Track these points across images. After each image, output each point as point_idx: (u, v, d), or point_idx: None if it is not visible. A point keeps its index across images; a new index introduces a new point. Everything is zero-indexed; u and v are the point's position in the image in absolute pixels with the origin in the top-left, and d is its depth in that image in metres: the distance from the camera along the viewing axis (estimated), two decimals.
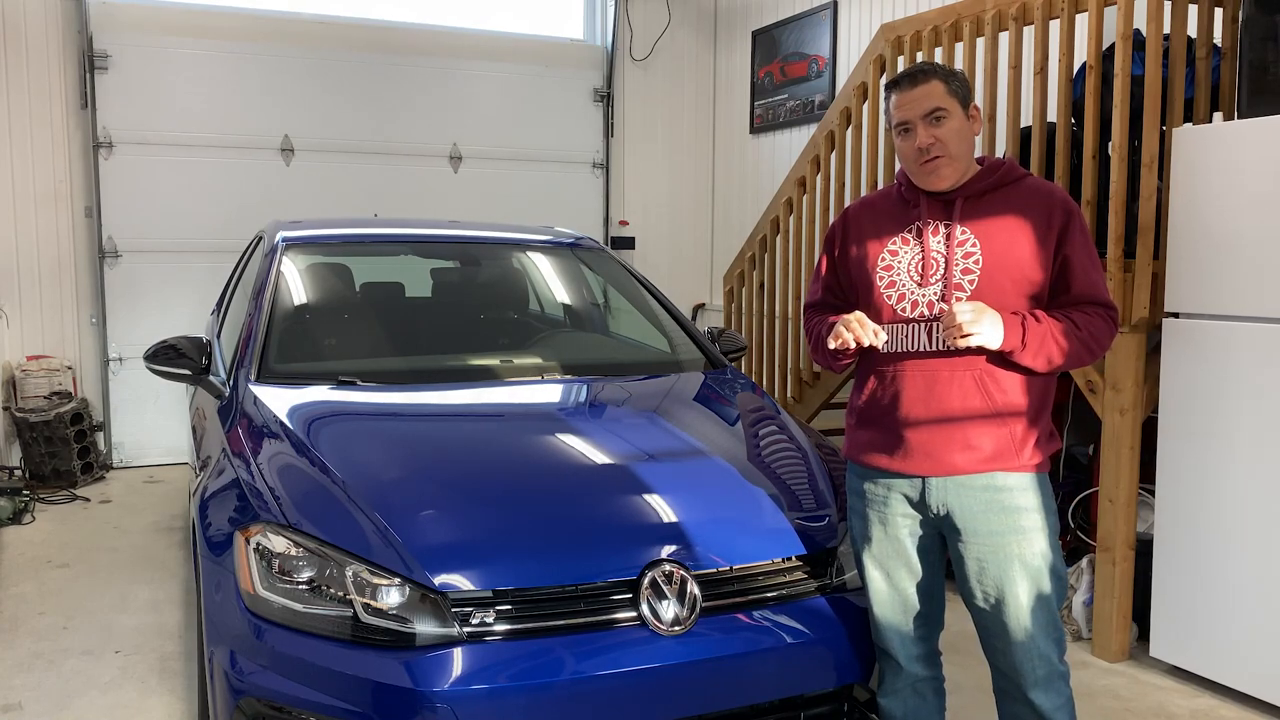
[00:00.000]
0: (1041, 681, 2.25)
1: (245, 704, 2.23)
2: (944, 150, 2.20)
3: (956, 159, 2.22)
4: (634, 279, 4.05)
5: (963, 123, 2.23)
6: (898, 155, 2.31)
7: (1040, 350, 2.16)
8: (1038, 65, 3.92)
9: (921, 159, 2.22)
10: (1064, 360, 2.19)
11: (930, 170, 2.23)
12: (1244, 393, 3.20)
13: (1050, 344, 2.17)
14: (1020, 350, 2.16)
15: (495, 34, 7.26)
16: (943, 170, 2.22)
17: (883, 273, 2.30)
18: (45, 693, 3.30)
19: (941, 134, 2.20)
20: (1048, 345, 2.16)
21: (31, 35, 6.08)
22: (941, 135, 2.20)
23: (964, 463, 2.22)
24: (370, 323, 3.86)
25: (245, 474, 2.59)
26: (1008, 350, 2.16)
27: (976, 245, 2.22)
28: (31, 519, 5.29)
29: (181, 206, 6.45)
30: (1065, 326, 2.18)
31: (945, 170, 2.22)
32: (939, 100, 2.20)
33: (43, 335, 6.26)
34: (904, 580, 2.37)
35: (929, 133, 2.20)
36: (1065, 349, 2.18)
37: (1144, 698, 3.34)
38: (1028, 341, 2.15)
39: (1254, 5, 3.29)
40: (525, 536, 2.32)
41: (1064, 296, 2.23)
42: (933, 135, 2.20)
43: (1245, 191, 3.17)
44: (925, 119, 2.20)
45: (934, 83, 2.21)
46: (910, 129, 2.23)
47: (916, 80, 2.23)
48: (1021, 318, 2.16)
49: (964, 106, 2.24)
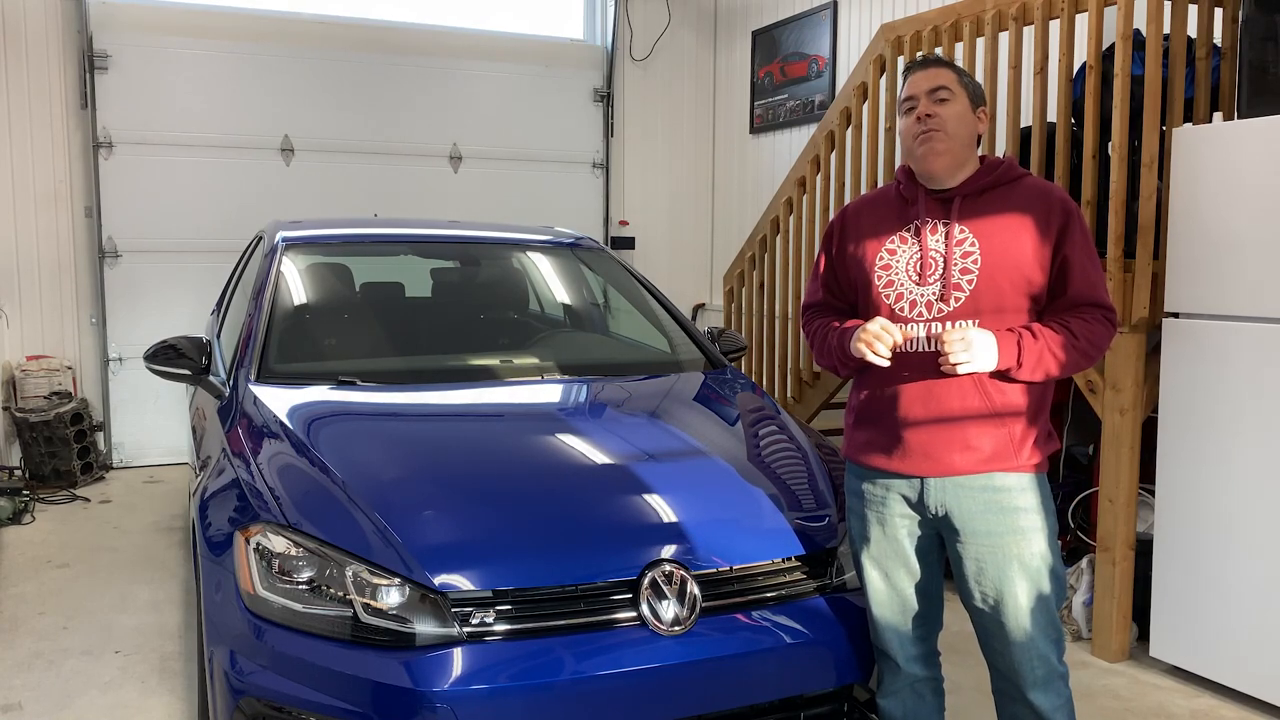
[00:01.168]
0: (1040, 682, 2.25)
1: (245, 704, 2.23)
2: (941, 126, 2.21)
3: (953, 139, 2.22)
4: (634, 279, 4.05)
5: (966, 111, 2.24)
6: (900, 138, 2.32)
7: (1038, 366, 2.17)
8: (1038, 65, 3.92)
9: (917, 131, 2.22)
10: (1060, 371, 2.19)
11: (923, 143, 2.22)
12: (1244, 393, 3.20)
13: (1048, 358, 2.17)
14: (1017, 370, 2.17)
15: (495, 34, 7.26)
16: (937, 145, 2.21)
17: (881, 271, 2.30)
18: (45, 693, 3.30)
19: (942, 111, 2.22)
20: (1045, 361, 2.17)
21: (31, 35, 6.09)
22: (942, 113, 2.21)
23: (963, 463, 2.22)
24: (370, 323, 3.86)
25: (245, 474, 2.59)
26: (1004, 369, 2.17)
27: (975, 244, 2.22)
28: (31, 519, 5.29)
29: (181, 206, 6.45)
30: (1064, 339, 2.18)
31: (940, 146, 2.21)
32: (945, 81, 2.24)
33: (43, 335, 6.26)
34: (903, 581, 2.37)
35: (930, 106, 2.22)
36: (1062, 361, 2.18)
37: (1144, 698, 3.34)
38: (1024, 361, 2.16)
39: (1254, 5, 3.29)
40: (525, 536, 2.32)
41: (1062, 299, 2.22)
42: (933, 109, 2.22)
43: (1245, 191, 3.17)
44: (929, 95, 2.23)
45: (946, 70, 2.26)
46: (914, 104, 2.25)
47: (929, 65, 2.28)
48: (1018, 336, 2.16)
49: (971, 101, 2.26)
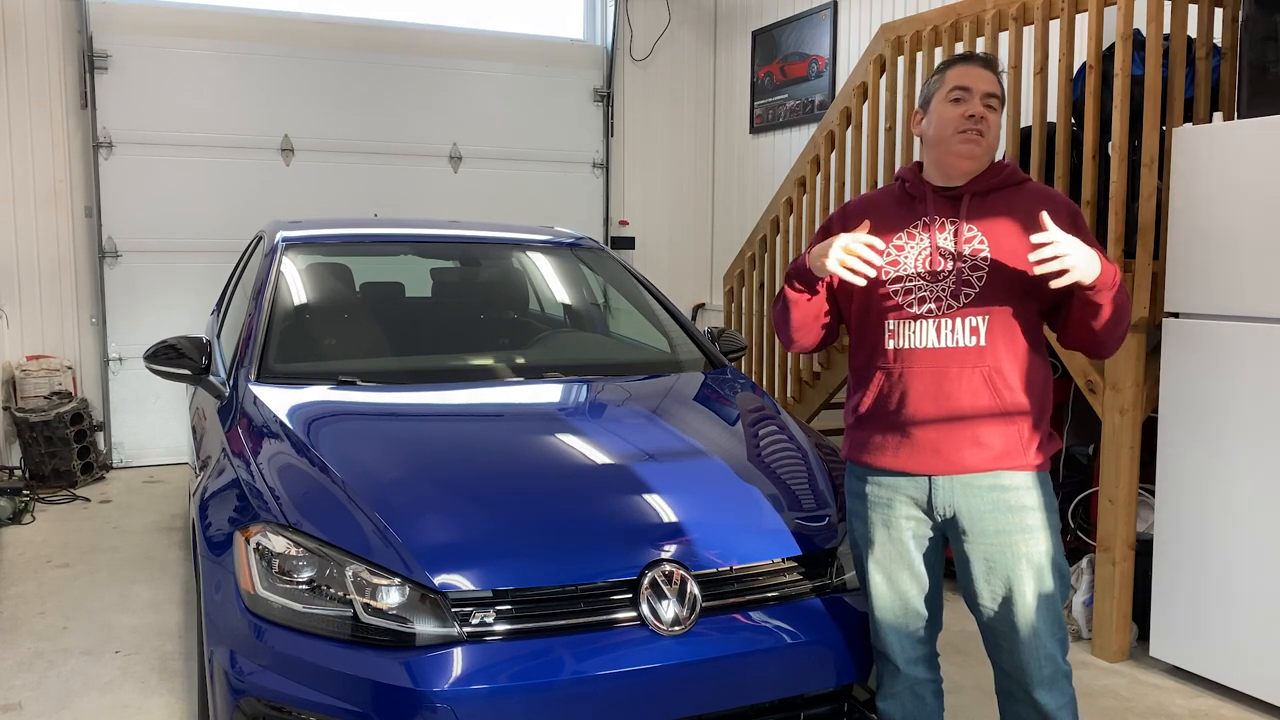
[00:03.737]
0: (1046, 681, 2.25)
1: (245, 704, 2.23)
2: (986, 131, 2.24)
3: (989, 148, 2.26)
4: (634, 279, 4.05)
5: (1000, 124, 2.29)
6: (934, 123, 2.26)
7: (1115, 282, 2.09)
8: (1038, 65, 3.92)
9: (964, 126, 2.22)
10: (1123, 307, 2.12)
11: (968, 141, 2.22)
12: (1244, 393, 3.20)
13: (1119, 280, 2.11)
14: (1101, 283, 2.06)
15: (495, 34, 7.26)
16: (976, 150, 2.24)
17: (889, 268, 2.29)
18: (45, 693, 3.30)
19: (991, 119, 2.24)
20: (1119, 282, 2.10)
21: (31, 35, 6.08)
22: (990, 120, 2.24)
23: (973, 460, 2.21)
24: (370, 323, 3.86)
25: (245, 474, 2.59)
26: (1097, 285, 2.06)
27: (985, 243, 2.23)
28: (31, 519, 5.29)
29: (181, 206, 6.45)
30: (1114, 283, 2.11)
31: (979, 150, 2.24)
32: (998, 90, 2.26)
33: (43, 335, 6.26)
34: (906, 583, 2.36)
35: (982, 108, 2.23)
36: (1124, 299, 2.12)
37: (1144, 698, 3.34)
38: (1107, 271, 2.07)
39: (1254, 5, 3.29)
40: (525, 536, 2.32)
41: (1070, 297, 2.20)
42: (985, 112, 2.23)
43: (1245, 191, 3.17)
44: (984, 97, 2.24)
45: (999, 77, 2.28)
46: (966, 97, 2.23)
47: (990, 65, 2.29)
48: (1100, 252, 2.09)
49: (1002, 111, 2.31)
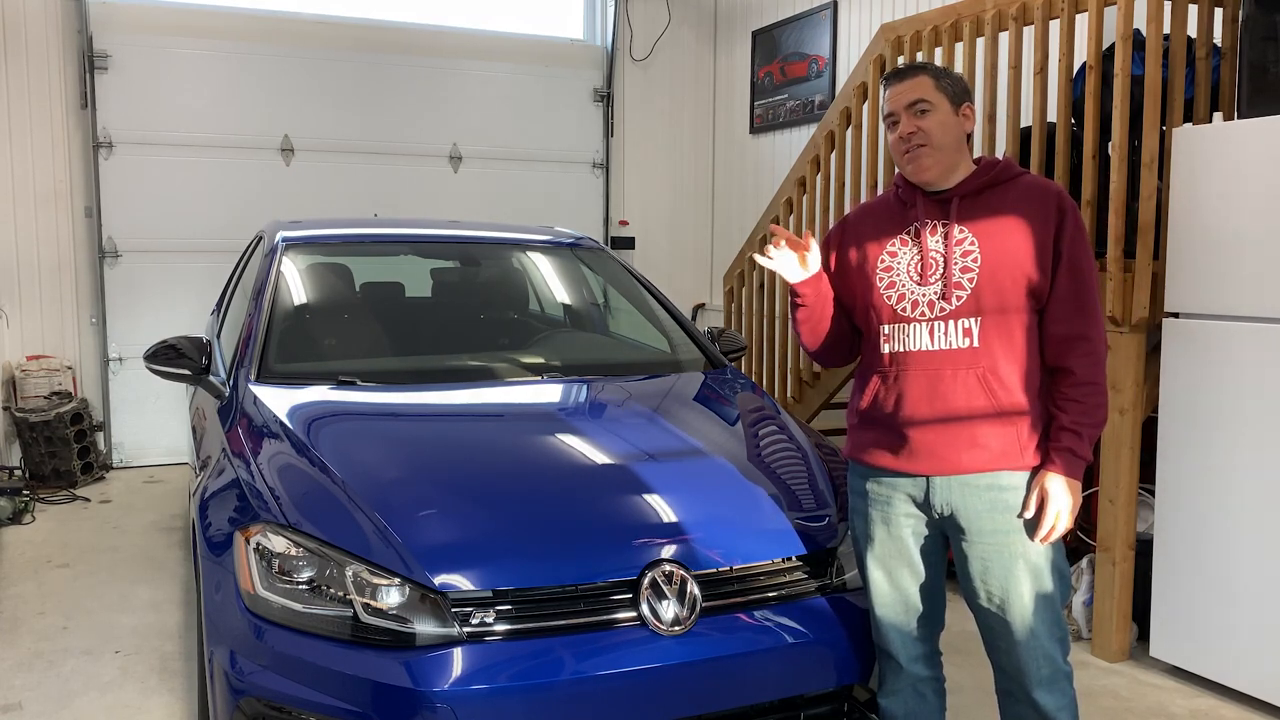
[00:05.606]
0: (1045, 681, 2.25)
1: (245, 704, 2.22)
2: (926, 140, 2.24)
3: (940, 149, 2.25)
4: (634, 279, 4.05)
5: (949, 117, 2.26)
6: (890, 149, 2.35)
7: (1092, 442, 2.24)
8: (1038, 65, 3.92)
9: (901, 148, 2.27)
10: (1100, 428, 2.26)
11: (911, 160, 2.26)
12: (1244, 393, 3.20)
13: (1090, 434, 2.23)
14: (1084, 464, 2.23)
15: (495, 34, 7.26)
16: (924, 160, 2.25)
17: (882, 274, 2.32)
18: (45, 693, 3.30)
19: (924, 124, 2.24)
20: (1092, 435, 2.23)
21: (31, 35, 6.08)
22: (924, 125, 2.24)
23: (970, 461, 2.22)
24: (370, 323, 3.86)
25: (245, 474, 2.59)
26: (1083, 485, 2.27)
27: (975, 244, 2.23)
28: (31, 519, 5.29)
29: (181, 206, 6.45)
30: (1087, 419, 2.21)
31: (927, 160, 2.25)
32: (923, 93, 2.25)
33: (43, 335, 6.26)
34: (906, 581, 2.37)
35: (911, 122, 2.24)
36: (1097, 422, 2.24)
37: (1144, 698, 3.34)
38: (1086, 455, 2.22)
39: (1254, 5, 3.29)
40: (525, 536, 2.32)
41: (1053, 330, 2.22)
42: (915, 125, 2.24)
43: (1245, 191, 3.17)
44: (909, 109, 2.25)
45: (922, 78, 2.26)
46: (896, 118, 2.28)
47: (905, 75, 2.29)
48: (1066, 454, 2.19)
49: (953, 104, 2.26)
